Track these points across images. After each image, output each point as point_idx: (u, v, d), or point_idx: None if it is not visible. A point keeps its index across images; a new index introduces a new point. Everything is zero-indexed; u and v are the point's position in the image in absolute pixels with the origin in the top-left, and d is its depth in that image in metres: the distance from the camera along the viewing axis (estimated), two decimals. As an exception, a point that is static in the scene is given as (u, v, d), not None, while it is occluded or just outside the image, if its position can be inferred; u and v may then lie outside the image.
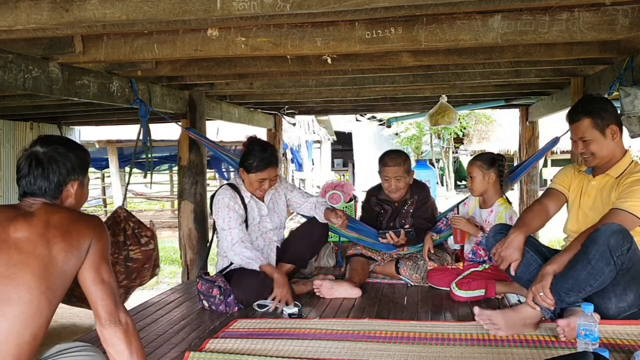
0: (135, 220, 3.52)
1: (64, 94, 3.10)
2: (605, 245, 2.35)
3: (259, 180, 3.41)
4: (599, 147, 2.71)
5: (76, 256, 1.72)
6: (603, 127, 2.69)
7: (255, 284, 3.22)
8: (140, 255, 3.43)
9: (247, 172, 3.41)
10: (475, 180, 3.44)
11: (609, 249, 2.36)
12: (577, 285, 2.42)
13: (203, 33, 2.76)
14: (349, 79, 4.34)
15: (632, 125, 3.13)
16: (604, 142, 2.70)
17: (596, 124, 2.69)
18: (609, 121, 2.69)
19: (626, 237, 2.41)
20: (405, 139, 17.97)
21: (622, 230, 2.41)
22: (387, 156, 3.88)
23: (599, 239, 2.38)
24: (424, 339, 2.54)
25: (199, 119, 4.57)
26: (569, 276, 2.44)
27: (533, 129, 6.24)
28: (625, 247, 2.39)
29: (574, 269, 2.43)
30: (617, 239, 2.37)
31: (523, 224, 2.77)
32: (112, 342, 1.72)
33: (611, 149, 2.71)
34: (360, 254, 3.90)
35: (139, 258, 3.41)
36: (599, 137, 2.70)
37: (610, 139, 2.70)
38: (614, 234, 2.38)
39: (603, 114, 2.69)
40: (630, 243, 2.41)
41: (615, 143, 2.72)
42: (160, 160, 11.27)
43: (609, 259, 2.35)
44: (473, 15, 2.56)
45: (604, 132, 2.69)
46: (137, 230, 3.50)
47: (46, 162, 1.83)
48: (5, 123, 6.09)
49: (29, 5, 2.19)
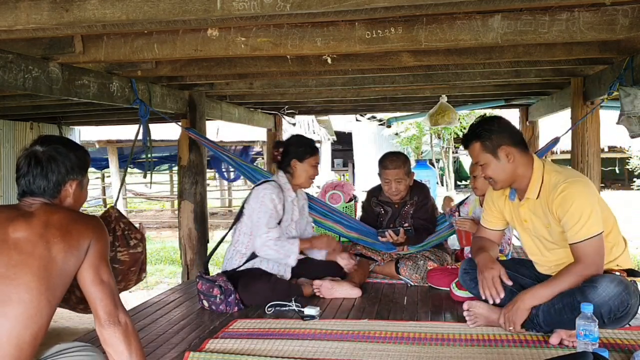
0: (126, 222, 3.45)
1: (64, 94, 3.10)
2: (597, 311, 2.28)
3: (313, 165, 3.49)
4: (493, 170, 2.56)
5: (75, 256, 1.72)
6: (494, 149, 2.53)
7: (264, 288, 3.20)
8: (128, 257, 3.33)
9: (300, 160, 3.46)
10: (479, 180, 3.40)
11: (600, 314, 2.31)
12: (562, 326, 2.42)
13: (203, 33, 2.76)
14: (349, 79, 4.34)
15: (632, 125, 3.14)
16: (498, 164, 2.54)
17: (486, 147, 2.55)
18: (500, 142, 2.52)
19: (623, 301, 2.34)
20: (405, 139, 17.94)
21: (619, 295, 2.33)
22: (387, 159, 3.88)
23: (591, 302, 2.27)
24: (423, 339, 2.54)
25: (199, 119, 4.57)
26: (554, 320, 2.43)
27: (533, 129, 6.25)
28: (621, 310, 2.35)
29: (560, 317, 2.40)
30: (612, 305, 2.33)
31: (480, 251, 2.73)
32: (112, 343, 1.72)
33: (509, 171, 2.54)
34: (360, 253, 3.90)
35: (125, 260, 3.31)
36: (491, 160, 2.55)
37: (505, 161, 2.53)
38: (609, 300, 2.33)
39: (492, 136, 2.53)
40: (627, 305, 2.35)
41: (514, 164, 2.53)
42: (160, 160, 11.29)
43: (599, 319, 2.27)
44: (473, 15, 2.56)
45: (496, 154, 2.53)
46: (127, 231, 3.42)
47: (45, 161, 1.83)
48: (5, 123, 6.09)
49: (29, 5, 2.19)
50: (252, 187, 3.55)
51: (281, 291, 3.21)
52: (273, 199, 3.35)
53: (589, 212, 2.39)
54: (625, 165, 15.28)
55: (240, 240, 3.44)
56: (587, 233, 2.39)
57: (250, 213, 3.39)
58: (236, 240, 3.46)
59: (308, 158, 3.47)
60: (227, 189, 15.76)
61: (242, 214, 3.47)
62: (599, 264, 2.43)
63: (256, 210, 3.35)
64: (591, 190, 2.49)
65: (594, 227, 2.39)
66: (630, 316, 2.43)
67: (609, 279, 2.37)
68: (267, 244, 3.28)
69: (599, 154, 4.15)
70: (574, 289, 2.41)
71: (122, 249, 3.31)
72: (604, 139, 4.81)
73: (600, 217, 2.43)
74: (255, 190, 3.45)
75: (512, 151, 2.53)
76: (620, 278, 2.40)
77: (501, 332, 2.56)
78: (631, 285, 2.41)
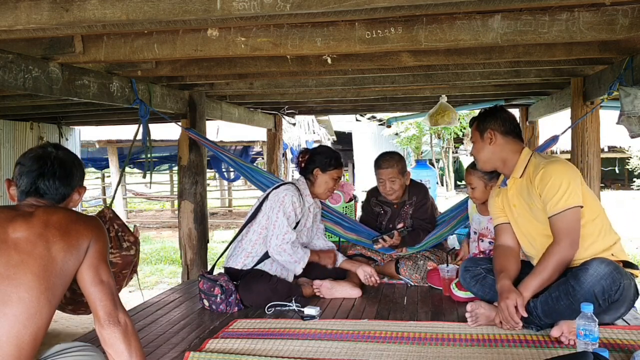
0: (120, 223, 3.36)
1: (64, 94, 3.10)
2: (590, 291, 2.33)
3: (334, 178, 3.51)
4: (476, 149, 2.83)
5: (75, 256, 1.72)
6: (482, 131, 2.78)
7: (265, 289, 3.20)
8: (120, 260, 3.23)
9: (323, 170, 3.48)
10: (477, 190, 3.37)
11: (594, 295, 2.34)
12: (560, 316, 2.45)
13: (203, 33, 2.76)
14: (349, 79, 4.34)
15: (632, 125, 3.13)
16: (481, 145, 2.79)
17: (478, 127, 2.81)
18: (489, 125, 2.76)
19: (615, 280, 2.37)
20: (405, 139, 17.96)
21: (610, 274, 2.36)
22: (381, 159, 3.88)
23: (584, 283, 2.35)
24: (423, 339, 2.54)
25: (199, 119, 4.57)
26: (552, 309, 2.46)
27: (533, 129, 6.24)
28: (614, 290, 2.37)
29: (558, 304, 2.43)
30: (605, 285, 2.36)
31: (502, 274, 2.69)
32: (111, 343, 1.72)
33: (488, 152, 2.78)
34: (360, 254, 3.91)
35: (118, 263, 3.22)
36: (478, 139, 2.81)
37: (487, 143, 2.76)
38: (601, 279, 2.35)
39: (486, 118, 2.79)
40: (620, 284, 2.37)
41: (495, 147, 2.76)
42: (160, 160, 11.29)
43: (595, 302, 2.31)
44: (473, 15, 2.56)
45: (482, 135, 2.78)
46: (121, 233, 3.33)
47: (70, 166, 1.88)
48: (5, 123, 6.09)
49: (29, 5, 2.19)
50: (271, 188, 3.53)
51: (282, 292, 3.21)
52: (294, 202, 3.37)
53: (566, 184, 2.52)
54: (625, 165, 15.29)
55: (249, 237, 3.44)
56: (565, 205, 2.50)
57: (269, 213, 3.38)
58: (244, 238, 3.45)
59: (331, 170, 3.49)
60: (227, 189, 15.77)
61: (258, 213, 3.46)
62: (574, 237, 2.50)
63: (276, 211, 3.35)
64: (571, 169, 2.63)
65: (571, 200, 2.50)
66: (626, 300, 2.45)
67: (599, 260, 2.44)
68: (283, 247, 3.30)
69: (599, 154, 4.14)
70: (568, 275, 2.46)
71: (114, 250, 3.22)
72: (604, 139, 4.81)
73: (579, 193, 2.53)
74: (276, 191, 3.44)
75: (496, 136, 2.75)
76: (610, 260, 2.46)
77: (501, 332, 2.57)
78: (621, 268, 2.45)
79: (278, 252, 3.31)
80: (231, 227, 12.29)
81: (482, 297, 2.93)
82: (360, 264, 3.56)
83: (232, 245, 3.54)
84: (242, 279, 3.28)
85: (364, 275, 3.49)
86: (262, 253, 3.40)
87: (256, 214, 3.46)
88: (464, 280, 3.03)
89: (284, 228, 3.31)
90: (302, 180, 3.56)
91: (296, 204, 3.38)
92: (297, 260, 3.33)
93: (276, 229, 3.32)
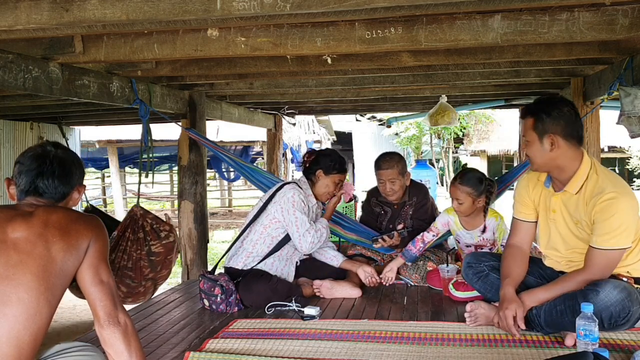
0: (152, 217, 3.74)
1: (64, 94, 3.10)
2: (598, 315, 2.26)
3: (336, 182, 3.50)
4: (532, 152, 2.51)
5: (75, 256, 1.72)
6: (542, 133, 2.46)
7: (265, 289, 3.19)
8: (162, 248, 3.70)
9: (326, 173, 3.48)
10: (464, 206, 3.29)
11: (600, 318, 2.29)
12: (563, 328, 2.43)
13: (203, 33, 2.76)
14: (349, 79, 4.34)
15: (632, 125, 3.14)
16: (539, 148, 2.47)
17: (536, 127, 2.47)
18: (550, 129, 2.44)
19: (625, 307, 2.31)
20: (405, 139, 17.95)
21: (621, 302, 2.31)
22: (381, 159, 3.88)
23: (594, 305, 2.25)
24: (423, 339, 2.54)
25: (199, 119, 4.57)
26: (555, 322, 2.43)
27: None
28: (622, 317, 2.33)
29: (562, 319, 2.40)
30: (614, 311, 2.31)
31: (507, 279, 2.63)
32: (111, 343, 1.72)
33: (547, 158, 2.47)
34: (360, 254, 3.91)
35: (160, 252, 3.67)
36: (535, 140, 2.48)
37: (547, 148, 2.45)
38: (610, 306, 2.30)
39: (547, 120, 2.44)
40: (628, 312, 2.33)
41: (555, 154, 2.45)
42: (161, 160, 11.28)
43: (600, 323, 2.26)
44: (473, 15, 2.56)
45: (541, 138, 2.46)
46: (156, 225, 3.73)
47: (69, 164, 1.87)
48: (5, 123, 6.08)
49: (29, 5, 2.19)
50: (275, 189, 3.53)
51: (282, 292, 3.21)
52: (302, 199, 3.40)
53: (624, 227, 2.36)
54: (625, 165, 15.28)
55: (250, 237, 3.44)
56: (615, 244, 2.37)
57: (281, 215, 3.37)
58: (246, 238, 3.46)
59: (334, 174, 3.49)
60: (227, 189, 15.77)
61: (261, 213, 3.46)
62: (606, 275, 2.42)
63: (291, 211, 3.34)
64: (635, 207, 2.42)
65: (622, 242, 2.37)
66: (630, 323, 2.40)
67: (613, 284, 2.34)
68: (313, 241, 3.35)
69: (599, 154, 4.15)
70: (576, 292, 2.40)
71: (154, 242, 3.66)
72: (604, 139, 4.81)
73: (632, 233, 2.40)
74: (282, 192, 3.43)
75: (558, 141, 2.44)
76: (625, 285, 2.37)
77: (501, 332, 2.56)
78: (634, 293, 2.38)
79: (311, 248, 3.38)
80: (231, 227, 12.29)
81: (483, 294, 2.93)
82: (360, 264, 3.56)
83: (234, 246, 3.54)
84: (242, 278, 3.28)
85: (364, 276, 3.49)
86: (263, 253, 3.40)
87: (259, 214, 3.46)
88: (467, 276, 3.01)
89: (306, 224, 3.34)
90: (303, 180, 3.56)
91: (304, 201, 3.41)
92: (323, 234, 3.42)
93: (300, 228, 3.33)
